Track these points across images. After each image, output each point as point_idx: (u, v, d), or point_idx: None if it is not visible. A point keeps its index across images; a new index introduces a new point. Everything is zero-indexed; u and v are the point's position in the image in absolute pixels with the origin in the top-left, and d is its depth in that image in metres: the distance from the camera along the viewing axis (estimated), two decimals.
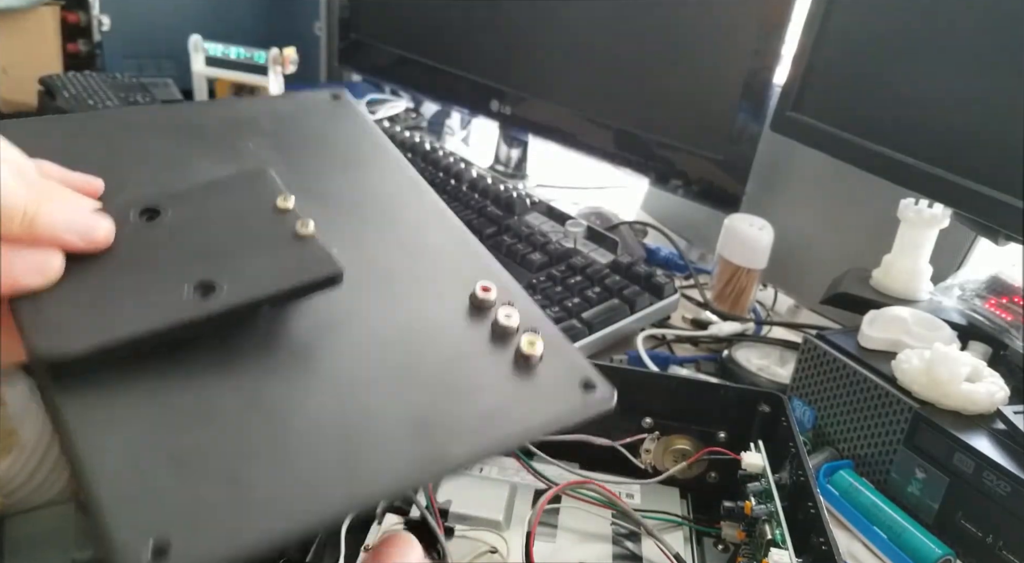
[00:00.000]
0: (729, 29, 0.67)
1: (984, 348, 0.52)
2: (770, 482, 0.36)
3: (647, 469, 0.42)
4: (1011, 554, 0.40)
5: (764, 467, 0.37)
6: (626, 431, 0.42)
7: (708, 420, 0.42)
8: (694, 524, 0.40)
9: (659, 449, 0.42)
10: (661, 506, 0.41)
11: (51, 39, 1.15)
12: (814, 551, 0.32)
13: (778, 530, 0.33)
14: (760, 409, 0.41)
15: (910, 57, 0.54)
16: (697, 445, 0.42)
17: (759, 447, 0.38)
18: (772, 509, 0.34)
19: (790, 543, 0.32)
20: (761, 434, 0.40)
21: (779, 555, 0.31)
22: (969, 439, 0.42)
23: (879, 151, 0.55)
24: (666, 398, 0.42)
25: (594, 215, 0.82)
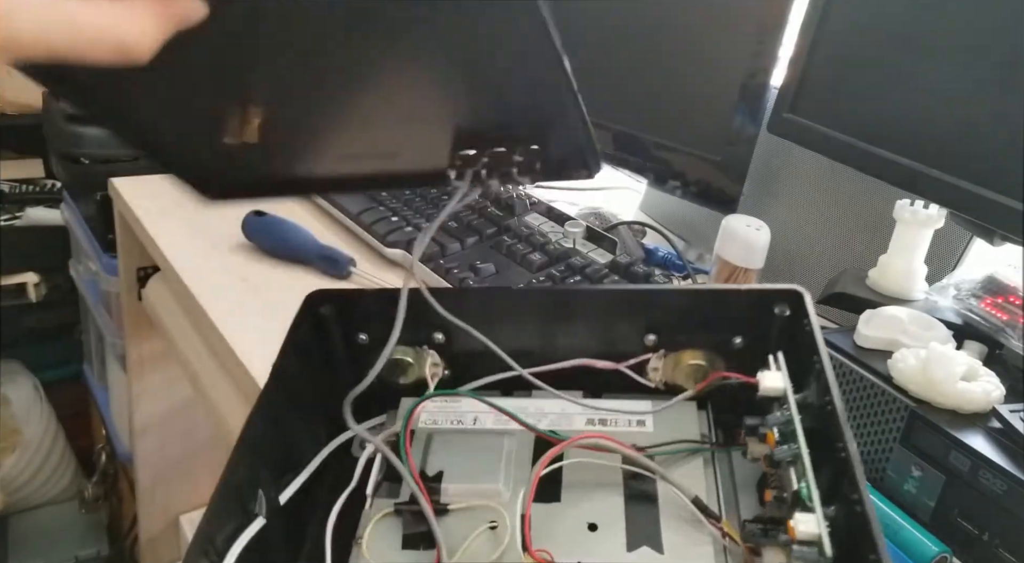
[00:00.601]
0: (726, 31, 0.68)
1: (980, 347, 0.52)
2: (793, 414, 0.30)
3: (658, 387, 0.38)
4: (1007, 552, 0.40)
5: (785, 390, 0.32)
6: (631, 352, 0.37)
7: (719, 328, 0.37)
8: (715, 448, 0.35)
9: (668, 366, 0.38)
10: (676, 424, 0.36)
11: None
12: (844, 503, 0.27)
13: (803, 483, 0.28)
14: (778, 311, 0.35)
15: (906, 59, 0.54)
16: (710, 357, 0.37)
17: (778, 362, 0.33)
18: (797, 452, 0.29)
19: (818, 504, 0.27)
20: (781, 341, 0.34)
21: (806, 522, 0.27)
22: (965, 438, 0.42)
23: (875, 152, 0.55)
24: (669, 312, 0.37)
25: (593, 216, 0.82)
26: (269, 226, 0.69)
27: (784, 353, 0.34)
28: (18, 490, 1.28)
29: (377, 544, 0.33)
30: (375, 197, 0.75)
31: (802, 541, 0.27)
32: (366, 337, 0.39)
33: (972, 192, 0.50)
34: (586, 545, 0.31)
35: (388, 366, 0.37)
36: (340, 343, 0.39)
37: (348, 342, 0.39)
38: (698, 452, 0.35)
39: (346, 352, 0.39)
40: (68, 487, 1.36)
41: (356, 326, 0.39)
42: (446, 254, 0.66)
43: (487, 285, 0.35)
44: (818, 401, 0.32)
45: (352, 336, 0.39)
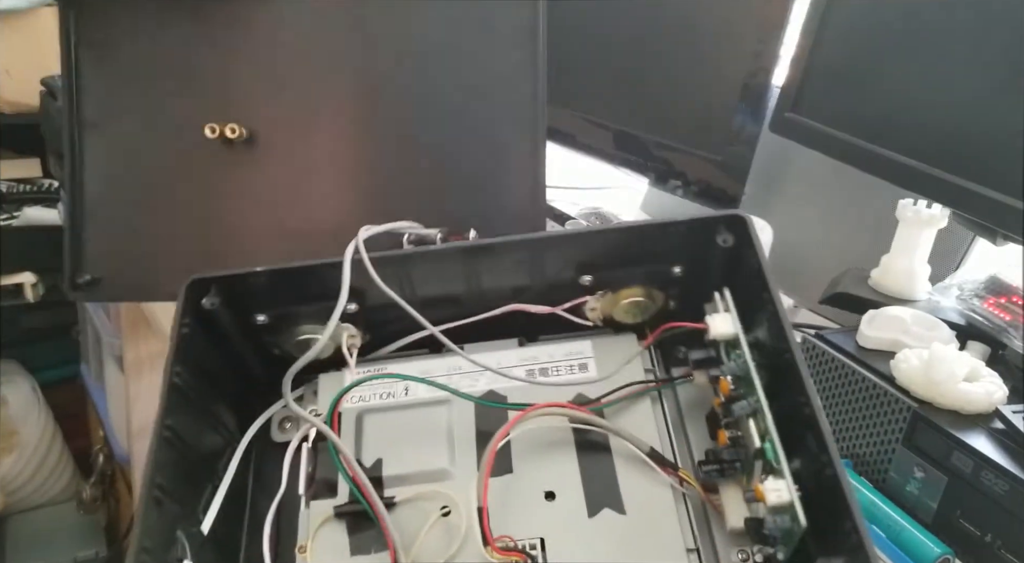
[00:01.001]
0: (728, 30, 0.68)
1: (982, 348, 0.52)
2: (749, 363, 0.28)
3: (596, 324, 0.36)
4: (1009, 553, 0.40)
5: (737, 335, 0.29)
6: (566, 296, 0.35)
7: (656, 259, 0.34)
8: (661, 386, 0.33)
9: (606, 304, 0.36)
10: (619, 361, 0.34)
11: (53, 40, 1.15)
12: (810, 457, 0.26)
13: (767, 443, 0.27)
14: (720, 241, 0.32)
15: (908, 58, 0.54)
16: (648, 291, 0.35)
17: (725, 300, 0.31)
18: (757, 406, 0.28)
19: (787, 468, 0.26)
20: (725, 273, 0.32)
21: (778, 490, 0.25)
22: (967, 438, 0.42)
23: (877, 151, 0.55)
24: (604, 252, 0.34)
25: (594, 215, 0.82)
26: None
27: (730, 288, 0.32)
28: (16, 491, 1.28)
29: (323, 553, 0.30)
30: None
31: (774, 508, 0.26)
32: (265, 318, 0.35)
33: (975, 191, 0.49)
34: (546, 516, 0.30)
35: (298, 345, 0.34)
36: (235, 330, 0.35)
37: (244, 326, 0.35)
38: (644, 393, 0.33)
39: (244, 337, 0.35)
40: (66, 488, 1.35)
41: (250, 308, 0.35)
42: None
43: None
44: (772, 343, 0.30)
45: (247, 319, 0.35)
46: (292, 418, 0.34)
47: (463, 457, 0.32)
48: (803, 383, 0.27)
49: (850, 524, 0.24)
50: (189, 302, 0.33)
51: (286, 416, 0.34)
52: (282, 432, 0.34)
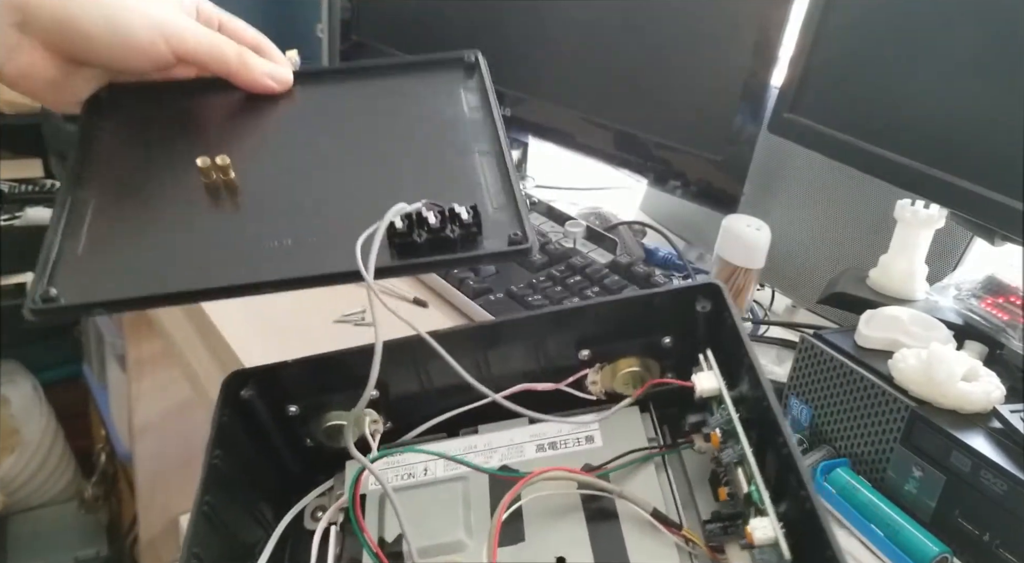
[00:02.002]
0: (727, 30, 0.68)
1: (980, 347, 0.52)
2: (732, 414, 0.31)
3: (600, 398, 0.38)
4: (1008, 552, 0.40)
5: (720, 390, 0.32)
6: (568, 370, 0.37)
7: (647, 332, 0.37)
8: (663, 451, 0.35)
9: (605, 377, 0.38)
10: (624, 432, 0.36)
11: None
12: (793, 500, 0.28)
13: (754, 487, 0.29)
14: (700, 307, 0.36)
15: (907, 58, 0.54)
16: (644, 362, 0.38)
17: (709, 360, 0.33)
18: (741, 453, 0.30)
19: (771, 507, 0.28)
20: (708, 337, 0.35)
21: (763, 528, 0.27)
22: (966, 438, 0.42)
23: (876, 152, 0.55)
24: (597, 325, 0.37)
25: (593, 215, 0.82)
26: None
27: (713, 348, 0.34)
28: (17, 490, 1.28)
29: None
30: None
31: (760, 545, 0.28)
32: (296, 409, 0.37)
33: (972, 192, 0.50)
34: None
35: (326, 432, 0.36)
36: (269, 421, 0.37)
37: (278, 418, 0.37)
38: (648, 458, 0.35)
39: (278, 428, 0.37)
40: (67, 487, 1.36)
41: (282, 399, 0.37)
42: None
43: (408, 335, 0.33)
44: (752, 393, 0.32)
45: (281, 411, 0.37)
46: (324, 507, 0.36)
47: (479, 528, 0.34)
48: (779, 425, 0.29)
49: (830, 553, 0.25)
50: (228, 393, 0.35)
51: (319, 505, 0.36)
52: (314, 520, 0.36)
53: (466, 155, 0.35)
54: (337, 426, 0.36)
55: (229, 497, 0.33)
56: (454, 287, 0.62)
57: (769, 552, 0.28)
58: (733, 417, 0.31)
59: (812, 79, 0.60)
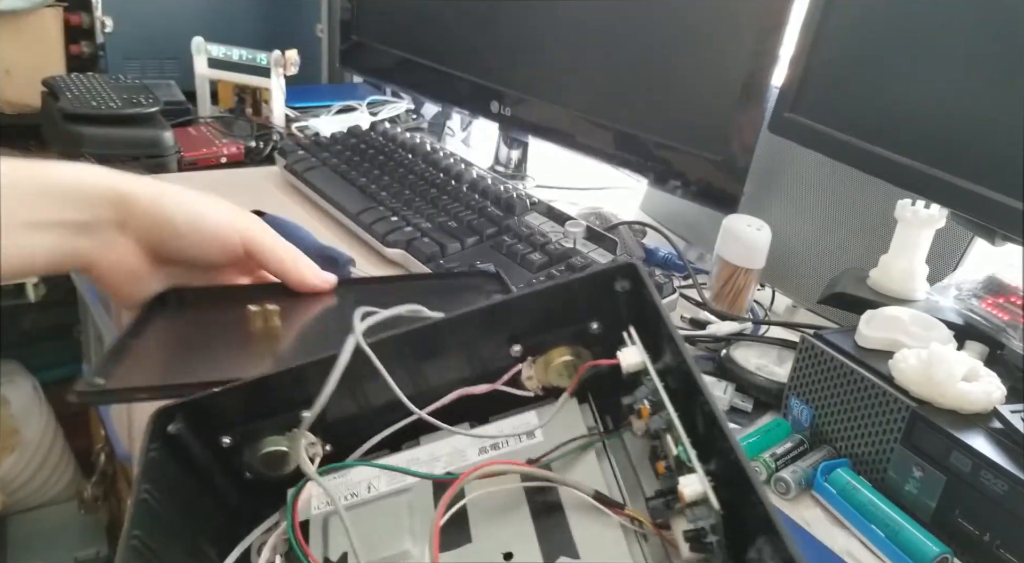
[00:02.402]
0: (727, 30, 0.68)
1: (981, 348, 0.52)
2: (656, 383, 0.32)
3: (537, 394, 0.38)
4: (1008, 552, 0.40)
5: (644, 362, 0.33)
6: (502, 368, 0.37)
7: (574, 320, 0.37)
8: (602, 437, 0.36)
9: (540, 371, 0.38)
10: (564, 425, 0.36)
11: (54, 41, 1.15)
12: (720, 456, 0.28)
13: (680, 448, 0.29)
14: (619, 287, 0.36)
15: (907, 58, 0.54)
16: (575, 350, 0.37)
17: (632, 337, 0.34)
18: (668, 418, 0.30)
19: (697, 463, 0.28)
20: (632, 315, 0.35)
21: (691, 484, 0.27)
22: (966, 438, 0.42)
23: (876, 152, 0.55)
24: (524, 318, 0.37)
25: (593, 215, 0.82)
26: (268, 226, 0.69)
27: (636, 326, 0.34)
28: (17, 490, 1.28)
29: None
30: (375, 197, 0.75)
31: (692, 502, 0.28)
32: (229, 439, 0.36)
33: (973, 192, 0.50)
34: None
35: (264, 460, 0.35)
36: (203, 454, 0.36)
37: (211, 450, 0.36)
38: (589, 446, 0.35)
39: (214, 462, 0.36)
40: (67, 487, 1.36)
41: (214, 431, 0.35)
42: (446, 254, 0.66)
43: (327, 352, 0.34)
44: (675, 363, 0.32)
45: (214, 442, 0.35)
46: (268, 543, 0.35)
47: (423, 536, 0.33)
48: (698, 384, 0.30)
49: (755, 497, 0.25)
50: (156, 428, 0.34)
51: (264, 542, 0.35)
52: (260, 555, 0.35)
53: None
54: (274, 453, 0.35)
55: (167, 535, 0.32)
56: None
57: (701, 510, 0.28)
58: (657, 383, 0.31)
59: (812, 79, 0.60)
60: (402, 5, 1.00)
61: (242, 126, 1.05)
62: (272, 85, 1.06)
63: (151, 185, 0.43)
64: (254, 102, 1.12)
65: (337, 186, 0.78)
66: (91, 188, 0.40)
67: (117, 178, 0.41)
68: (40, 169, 0.39)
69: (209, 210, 0.44)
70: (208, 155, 0.96)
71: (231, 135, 1.01)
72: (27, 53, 1.14)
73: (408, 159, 0.83)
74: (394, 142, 0.87)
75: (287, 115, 1.09)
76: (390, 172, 0.80)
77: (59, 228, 0.39)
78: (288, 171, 0.84)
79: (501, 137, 0.99)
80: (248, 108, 1.13)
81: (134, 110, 0.91)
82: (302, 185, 0.81)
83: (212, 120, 1.08)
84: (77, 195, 0.40)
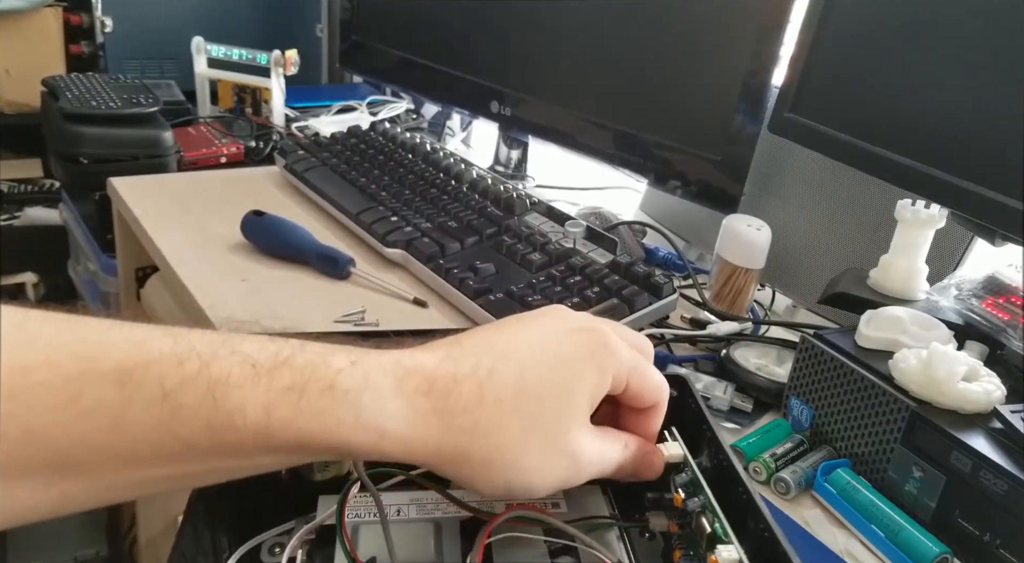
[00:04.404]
0: (727, 30, 0.68)
1: (981, 348, 0.52)
2: (696, 472, 0.34)
3: None
4: (1008, 552, 0.40)
5: (685, 456, 0.35)
6: None
7: None
8: (621, 523, 0.38)
9: None
10: (586, 507, 0.38)
11: (54, 40, 1.15)
12: (754, 537, 0.31)
13: (717, 523, 0.31)
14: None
15: (907, 58, 0.54)
16: None
17: (674, 434, 0.36)
18: (705, 501, 0.33)
19: (734, 536, 0.30)
20: (671, 420, 0.38)
21: (727, 551, 0.29)
22: (966, 438, 0.42)
23: (876, 152, 0.55)
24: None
25: (593, 215, 0.82)
26: (268, 226, 0.69)
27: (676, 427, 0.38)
28: None
29: None
30: (375, 197, 0.75)
31: None
32: None
33: (973, 192, 0.50)
34: None
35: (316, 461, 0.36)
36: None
37: None
38: (611, 528, 0.37)
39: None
40: None
41: None
42: (446, 254, 0.66)
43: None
44: (713, 462, 0.36)
45: None
46: (281, 543, 0.36)
47: (450, 550, 0.35)
48: (738, 475, 0.33)
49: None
50: None
51: (277, 542, 0.36)
52: (271, 555, 0.35)
53: None
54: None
55: (211, 514, 0.33)
56: (454, 287, 0.62)
57: None
58: (696, 472, 0.34)
59: (812, 79, 0.60)
60: (402, 5, 1.00)
61: (242, 126, 1.05)
62: (272, 85, 1.06)
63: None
64: (254, 102, 1.12)
65: (337, 186, 0.78)
66: None
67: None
68: None
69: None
70: (208, 155, 0.96)
71: (231, 135, 1.01)
72: (27, 53, 1.14)
73: (408, 159, 0.83)
74: (394, 142, 0.87)
75: (287, 115, 1.09)
76: (390, 172, 0.80)
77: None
78: (288, 171, 0.84)
79: (501, 137, 0.99)
80: (248, 108, 1.13)
81: (134, 110, 0.91)
82: (302, 185, 0.81)
83: (212, 120, 1.08)
84: None
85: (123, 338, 0.24)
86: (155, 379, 0.23)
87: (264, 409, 0.24)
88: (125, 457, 0.24)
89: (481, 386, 0.28)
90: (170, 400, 0.23)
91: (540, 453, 0.29)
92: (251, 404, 0.24)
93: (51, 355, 0.23)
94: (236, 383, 0.24)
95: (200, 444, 0.24)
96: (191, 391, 0.24)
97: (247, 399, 0.24)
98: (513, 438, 0.28)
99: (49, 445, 0.23)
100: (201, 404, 0.24)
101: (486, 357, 0.29)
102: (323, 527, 0.35)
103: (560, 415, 0.30)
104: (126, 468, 0.24)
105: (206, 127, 1.04)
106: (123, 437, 0.23)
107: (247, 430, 0.24)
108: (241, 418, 0.24)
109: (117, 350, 0.24)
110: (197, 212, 0.75)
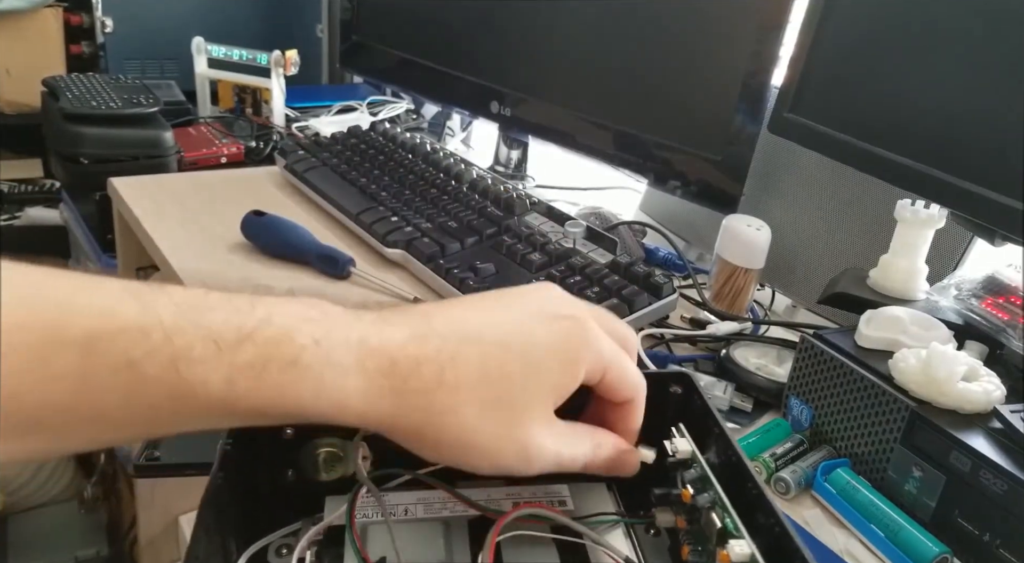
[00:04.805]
0: (727, 30, 0.68)
1: (981, 347, 0.52)
2: (704, 467, 0.34)
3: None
4: (1008, 552, 0.40)
5: (694, 451, 0.35)
6: None
7: None
8: (628, 519, 0.38)
9: None
10: (593, 503, 0.39)
11: (54, 41, 1.15)
12: (764, 532, 0.31)
13: (728, 519, 0.31)
14: (672, 391, 0.40)
15: (907, 58, 0.54)
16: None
17: (681, 431, 0.37)
18: (715, 496, 0.33)
19: (745, 531, 0.30)
20: (678, 417, 0.38)
21: (739, 546, 0.29)
22: (966, 438, 0.42)
23: (876, 152, 0.55)
24: (572, 402, 0.38)
25: (593, 215, 0.82)
26: (268, 226, 0.69)
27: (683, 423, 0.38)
28: (17, 490, 1.28)
29: None
30: (375, 197, 0.75)
31: None
32: (291, 431, 0.36)
33: (973, 192, 0.50)
34: None
35: (313, 461, 0.36)
36: (264, 439, 0.36)
37: (272, 438, 0.36)
38: (615, 524, 0.37)
39: (271, 452, 0.36)
40: (67, 487, 1.36)
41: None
42: (446, 254, 0.66)
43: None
44: (720, 458, 0.36)
45: (278, 430, 0.36)
46: (288, 545, 0.36)
47: (459, 550, 0.35)
48: (748, 470, 0.33)
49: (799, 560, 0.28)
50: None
51: (284, 543, 0.36)
52: (279, 557, 0.36)
53: None
54: (332, 453, 0.36)
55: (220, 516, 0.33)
56: (454, 287, 0.62)
57: None
58: (705, 467, 0.34)
59: (812, 79, 0.60)
60: (402, 5, 1.00)
61: (242, 126, 1.05)
62: (272, 85, 1.06)
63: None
64: (254, 102, 1.12)
65: (337, 186, 0.78)
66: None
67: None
68: None
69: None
70: (208, 155, 0.96)
71: (231, 135, 1.02)
72: (27, 53, 1.14)
73: (408, 159, 0.83)
74: (394, 142, 0.87)
75: (287, 115, 1.09)
76: (390, 172, 0.80)
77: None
78: (288, 171, 0.84)
79: (501, 137, 0.99)
80: (248, 108, 1.13)
81: (134, 110, 0.91)
82: (302, 185, 0.81)
83: (212, 120, 1.08)
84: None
85: (89, 302, 0.25)
86: (120, 349, 0.24)
87: (226, 381, 0.25)
88: (91, 419, 0.25)
89: (443, 370, 0.28)
90: (134, 369, 0.24)
91: (491, 439, 0.29)
92: (213, 377, 0.25)
93: (22, 319, 0.24)
94: (199, 359, 0.25)
95: (163, 409, 0.25)
96: (155, 362, 0.24)
97: (209, 373, 0.25)
98: (467, 422, 0.29)
99: (19, 407, 0.24)
100: (164, 375, 0.25)
101: (452, 339, 0.29)
102: (331, 527, 0.35)
103: (516, 406, 0.30)
104: (92, 429, 0.25)
105: (206, 127, 1.04)
106: (89, 402, 0.24)
107: (209, 399, 0.25)
108: (203, 389, 0.25)
109: (84, 316, 0.25)
110: (197, 212, 0.76)
